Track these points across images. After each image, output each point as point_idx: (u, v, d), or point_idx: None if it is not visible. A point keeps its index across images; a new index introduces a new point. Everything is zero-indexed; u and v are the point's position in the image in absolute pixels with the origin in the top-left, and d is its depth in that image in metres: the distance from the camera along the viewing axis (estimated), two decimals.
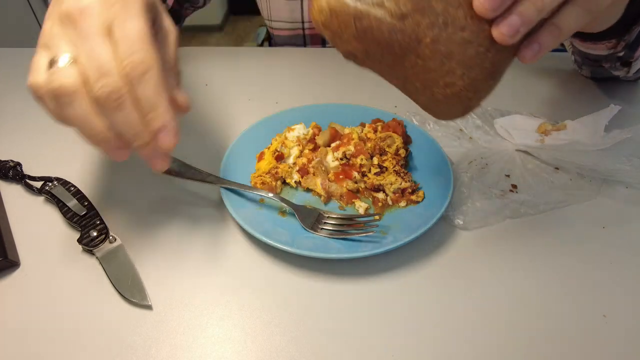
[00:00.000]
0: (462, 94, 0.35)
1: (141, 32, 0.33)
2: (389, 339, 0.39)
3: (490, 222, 0.49)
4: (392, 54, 0.34)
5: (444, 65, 0.34)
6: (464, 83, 0.34)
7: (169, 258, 0.46)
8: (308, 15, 0.79)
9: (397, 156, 0.53)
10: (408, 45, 0.33)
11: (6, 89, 0.72)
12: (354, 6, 0.33)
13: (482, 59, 0.33)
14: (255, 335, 0.40)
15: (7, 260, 0.44)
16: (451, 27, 0.32)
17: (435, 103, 0.37)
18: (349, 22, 0.33)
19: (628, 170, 0.51)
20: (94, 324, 0.40)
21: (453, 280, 0.44)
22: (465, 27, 0.32)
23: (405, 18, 0.32)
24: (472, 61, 0.33)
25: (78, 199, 0.50)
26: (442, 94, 0.35)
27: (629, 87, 0.69)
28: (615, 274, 0.44)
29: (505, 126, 0.59)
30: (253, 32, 3.11)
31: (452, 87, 0.34)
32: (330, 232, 0.46)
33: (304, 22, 0.80)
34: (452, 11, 0.32)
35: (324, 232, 0.47)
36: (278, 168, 0.53)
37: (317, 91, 0.71)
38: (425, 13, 0.32)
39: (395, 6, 0.32)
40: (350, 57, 0.36)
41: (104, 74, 0.32)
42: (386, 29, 0.33)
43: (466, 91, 0.35)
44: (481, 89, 0.35)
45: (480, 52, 0.33)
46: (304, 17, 0.79)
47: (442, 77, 0.34)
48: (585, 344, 0.39)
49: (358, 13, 0.33)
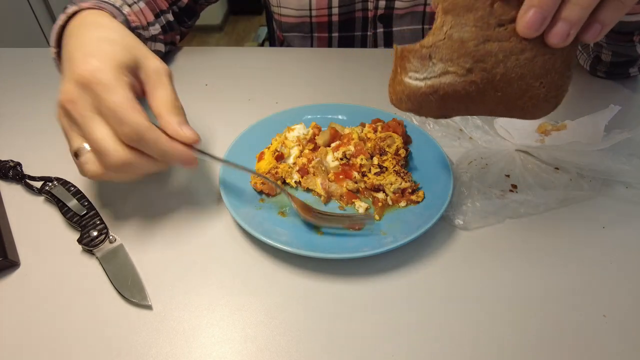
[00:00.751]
0: (547, 97, 0.38)
1: (121, 101, 0.38)
2: (389, 339, 0.39)
3: (490, 222, 0.49)
4: (473, 100, 0.38)
5: (521, 87, 0.37)
6: (545, 89, 0.37)
7: (169, 258, 0.46)
8: (315, 2, 0.80)
9: (397, 156, 0.53)
10: (484, 88, 0.37)
11: (6, 89, 0.72)
12: (423, 84, 0.37)
13: (552, 63, 0.36)
14: (255, 335, 0.40)
15: (7, 260, 0.44)
16: (513, 57, 0.36)
17: (525, 113, 0.39)
18: (426, 99, 0.38)
19: (628, 170, 0.51)
20: (94, 324, 0.40)
21: (453, 280, 0.44)
22: (524, 50, 0.36)
23: (471, 71, 0.36)
24: (543, 70, 0.36)
25: (78, 199, 0.50)
26: (529, 105, 0.38)
27: (629, 87, 0.69)
28: (615, 274, 0.44)
29: (505, 126, 0.59)
30: (253, 32, 3.12)
31: (536, 97, 0.38)
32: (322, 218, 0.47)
33: (311, 10, 0.81)
34: (507, 45, 0.36)
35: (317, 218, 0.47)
36: (278, 168, 0.53)
37: (317, 91, 0.71)
38: (485, 58, 0.36)
39: (458, 67, 0.36)
40: (440, 117, 0.41)
41: (104, 153, 0.39)
42: (460, 87, 0.37)
43: (550, 94, 0.38)
44: (563, 82, 0.38)
45: (547, 60, 0.36)
46: (311, 5, 0.80)
47: (523, 95, 0.37)
48: (585, 344, 0.39)
49: (430, 89, 0.37)
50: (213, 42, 3.06)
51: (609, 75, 0.69)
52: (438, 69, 0.37)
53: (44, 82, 0.74)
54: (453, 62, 0.36)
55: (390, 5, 0.79)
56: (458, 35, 0.36)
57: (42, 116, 0.66)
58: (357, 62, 0.78)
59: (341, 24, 0.83)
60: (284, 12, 0.84)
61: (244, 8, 3.28)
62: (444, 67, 0.37)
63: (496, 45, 0.36)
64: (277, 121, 0.60)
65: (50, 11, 1.85)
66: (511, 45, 0.35)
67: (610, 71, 0.69)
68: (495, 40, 0.36)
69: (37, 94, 0.71)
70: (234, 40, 3.08)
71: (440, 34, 0.36)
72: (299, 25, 0.84)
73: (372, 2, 0.80)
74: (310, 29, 0.85)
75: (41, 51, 0.83)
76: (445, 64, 0.37)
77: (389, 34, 0.84)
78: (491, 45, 0.36)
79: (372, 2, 0.80)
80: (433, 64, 0.37)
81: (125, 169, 0.40)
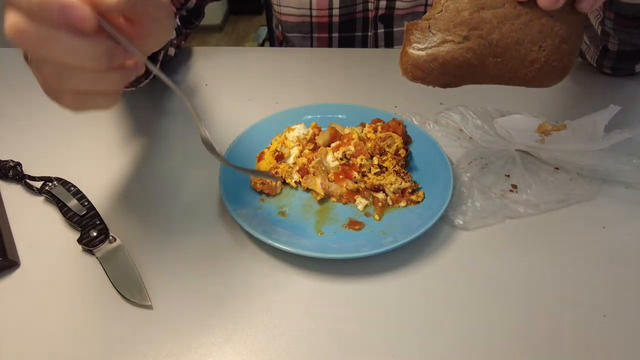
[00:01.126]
0: (549, 62, 0.39)
1: None
2: (389, 339, 0.39)
3: (490, 222, 0.49)
4: (474, 66, 0.40)
5: (519, 51, 0.39)
6: (546, 53, 0.39)
7: (169, 258, 0.46)
8: (316, 2, 0.80)
9: (397, 156, 0.53)
10: (482, 54, 0.39)
11: (6, 89, 0.72)
12: (425, 54, 0.40)
13: (550, 26, 0.38)
14: (256, 335, 0.40)
15: (7, 260, 0.44)
16: (508, 22, 0.38)
17: (532, 80, 0.41)
18: (428, 67, 0.40)
19: (628, 170, 0.51)
20: (93, 324, 0.40)
21: (453, 280, 0.44)
22: (519, 15, 0.38)
23: (468, 39, 0.39)
24: (541, 34, 0.38)
25: (78, 199, 0.50)
26: (533, 71, 0.40)
27: (629, 87, 0.69)
28: (615, 274, 0.44)
29: (505, 126, 0.59)
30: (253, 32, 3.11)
31: (537, 62, 0.39)
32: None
33: (311, 10, 0.81)
34: (501, 11, 0.38)
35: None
36: (278, 168, 0.53)
37: (317, 91, 0.71)
38: (480, 25, 0.38)
39: (455, 36, 0.39)
40: (446, 86, 0.42)
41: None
42: (458, 55, 0.39)
43: (552, 59, 0.39)
44: (566, 48, 0.39)
45: (544, 23, 0.38)
46: (312, 4, 0.80)
47: (524, 59, 0.39)
48: (585, 344, 0.39)
49: (430, 57, 0.40)
50: (213, 42, 3.06)
51: (615, 71, 0.69)
52: (437, 38, 0.40)
53: None
54: (450, 32, 0.39)
55: (391, 6, 0.79)
56: (454, 6, 0.39)
57: (42, 116, 0.66)
58: (358, 62, 0.78)
59: (341, 24, 0.83)
60: (284, 11, 0.84)
61: (244, 8, 3.28)
62: (442, 37, 0.39)
63: (490, 12, 0.38)
64: (277, 121, 0.60)
65: None
66: (505, 11, 0.38)
67: (616, 66, 0.69)
68: (490, 8, 0.38)
69: (37, 94, 0.71)
70: (234, 40, 3.08)
71: (438, 7, 0.39)
72: (298, 25, 0.84)
73: (372, 3, 0.80)
74: (310, 29, 0.85)
75: None
76: (443, 33, 0.39)
77: (389, 34, 0.84)
78: (485, 12, 0.38)
79: (372, 3, 0.80)
80: (432, 34, 0.40)
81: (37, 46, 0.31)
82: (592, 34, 0.69)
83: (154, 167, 0.57)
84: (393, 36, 0.84)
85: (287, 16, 0.84)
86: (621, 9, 0.60)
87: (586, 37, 0.70)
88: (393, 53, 0.80)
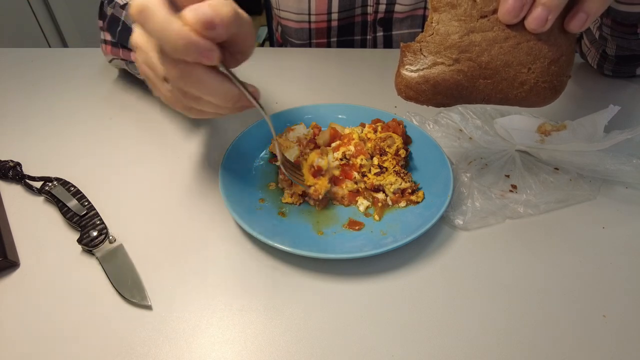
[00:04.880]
0: (538, 84, 0.40)
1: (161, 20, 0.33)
2: (389, 339, 0.39)
3: (490, 222, 0.49)
4: (465, 87, 0.41)
5: (508, 73, 0.39)
6: (535, 75, 0.39)
7: (169, 258, 0.46)
8: (315, 7, 0.79)
9: (397, 156, 0.53)
10: (472, 76, 0.40)
11: (6, 89, 0.72)
12: (416, 75, 0.41)
13: (539, 49, 0.38)
14: (255, 336, 0.40)
15: (6, 261, 0.44)
16: (496, 45, 0.39)
17: (523, 100, 0.41)
18: (420, 88, 0.41)
19: (628, 170, 0.51)
20: (93, 324, 0.40)
21: (453, 280, 0.44)
22: (507, 37, 0.38)
23: (458, 61, 0.40)
24: (530, 56, 0.38)
25: (78, 199, 0.50)
26: (523, 92, 0.40)
27: (629, 88, 0.69)
28: (615, 274, 0.44)
29: (505, 126, 0.59)
30: None
31: (527, 83, 0.40)
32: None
33: (310, 15, 0.81)
34: (490, 34, 0.38)
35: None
36: (317, 184, 0.50)
37: (317, 91, 0.71)
38: (469, 48, 0.39)
39: (445, 58, 0.40)
40: (440, 105, 0.43)
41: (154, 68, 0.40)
42: (449, 77, 0.40)
43: (542, 80, 0.39)
44: (555, 70, 0.39)
45: (532, 46, 0.38)
46: (310, 9, 0.80)
47: (513, 81, 0.40)
48: (585, 344, 0.39)
49: (422, 78, 0.41)
50: None
51: (615, 73, 0.69)
52: (428, 60, 0.40)
53: (44, 82, 0.74)
54: (440, 54, 0.40)
55: (391, 9, 0.79)
56: (444, 29, 0.39)
57: (42, 116, 0.66)
58: (358, 62, 0.78)
59: (340, 28, 0.83)
60: (283, 15, 0.84)
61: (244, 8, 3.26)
62: (434, 59, 0.40)
63: (480, 35, 0.39)
64: (277, 121, 0.60)
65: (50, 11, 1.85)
66: (494, 34, 0.38)
67: (616, 69, 0.69)
68: (479, 31, 0.39)
69: (37, 94, 0.71)
70: None
71: (429, 30, 0.40)
72: (297, 31, 0.84)
73: (372, 6, 0.80)
74: (309, 36, 0.84)
75: (41, 51, 0.83)
76: (434, 56, 0.40)
77: (388, 37, 0.84)
78: (475, 36, 0.39)
79: (372, 6, 0.80)
80: (424, 56, 0.41)
81: (178, 81, 0.37)
82: (592, 38, 0.69)
83: (153, 167, 0.57)
84: (392, 39, 0.84)
85: (287, 20, 0.84)
86: (618, 16, 0.61)
87: (587, 40, 0.70)
88: (393, 53, 0.80)
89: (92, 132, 0.63)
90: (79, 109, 0.68)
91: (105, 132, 0.63)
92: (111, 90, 0.71)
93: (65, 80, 0.74)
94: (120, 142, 0.61)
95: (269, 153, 0.58)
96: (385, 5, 0.79)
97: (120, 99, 0.69)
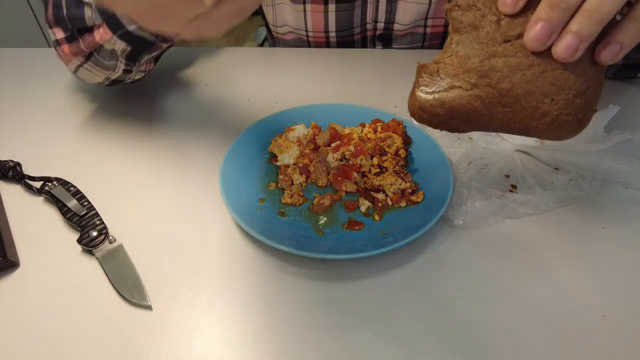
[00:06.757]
0: (561, 117, 0.36)
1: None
2: (389, 339, 0.39)
3: (490, 222, 0.49)
4: (482, 114, 0.38)
5: (530, 102, 0.36)
6: (558, 107, 0.36)
7: (169, 258, 0.46)
8: (312, 24, 0.79)
9: (397, 156, 0.53)
10: (490, 103, 0.37)
11: (6, 89, 0.72)
12: (431, 97, 0.39)
13: (564, 79, 0.35)
14: (255, 336, 0.40)
15: (6, 260, 0.44)
16: (519, 72, 0.35)
17: (544, 132, 0.38)
18: (434, 111, 0.39)
19: (628, 170, 0.51)
20: (93, 324, 0.40)
21: (453, 281, 0.44)
22: (531, 65, 0.35)
23: (476, 86, 0.37)
24: (554, 86, 0.35)
25: (78, 199, 0.50)
26: (544, 124, 0.37)
27: (630, 90, 0.69)
28: (615, 274, 0.44)
29: None
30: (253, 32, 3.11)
31: (549, 114, 0.36)
32: None
33: (307, 31, 0.80)
34: (513, 60, 0.35)
35: None
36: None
37: (317, 91, 0.71)
38: (489, 74, 0.36)
39: (464, 82, 0.37)
40: (454, 131, 0.41)
41: None
42: (466, 102, 0.38)
43: (565, 113, 0.36)
44: (581, 103, 0.36)
45: (557, 75, 0.35)
46: (307, 26, 0.79)
47: (534, 112, 0.36)
48: (585, 344, 0.39)
49: (437, 102, 0.38)
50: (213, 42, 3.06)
51: (617, 76, 0.70)
52: (445, 83, 0.38)
53: (44, 82, 0.74)
54: (458, 78, 0.37)
55: (389, 27, 0.79)
56: (464, 51, 0.37)
57: (42, 116, 0.66)
58: (357, 62, 0.78)
59: (339, 44, 0.83)
60: (280, 31, 0.83)
61: None
62: (451, 82, 0.38)
63: (501, 60, 0.36)
64: (277, 121, 0.60)
65: None
66: (517, 60, 0.35)
67: (619, 73, 0.69)
68: (501, 56, 0.36)
69: (37, 94, 0.71)
70: (234, 40, 3.08)
71: (448, 51, 0.38)
72: (295, 42, 0.84)
73: (370, 24, 0.79)
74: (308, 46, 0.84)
75: (41, 51, 0.83)
76: (451, 79, 0.38)
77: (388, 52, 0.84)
78: (496, 60, 0.36)
79: (370, 24, 0.79)
80: (441, 78, 0.38)
81: None
82: None
83: (153, 167, 0.57)
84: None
85: (284, 35, 0.83)
86: None
87: None
88: (393, 53, 0.80)
89: (92, 132, 0.63)
90: (79, 109, 0.68)
91: (106, 132, 0.63)
92: (111, 90, 0.71)
93: (65, 80, 0.74)
94: (121, 142, 0.61)
95: (269, 153, 0.58)
96: (383, 23, 0.78)
97: (120, 99, 0.69)
